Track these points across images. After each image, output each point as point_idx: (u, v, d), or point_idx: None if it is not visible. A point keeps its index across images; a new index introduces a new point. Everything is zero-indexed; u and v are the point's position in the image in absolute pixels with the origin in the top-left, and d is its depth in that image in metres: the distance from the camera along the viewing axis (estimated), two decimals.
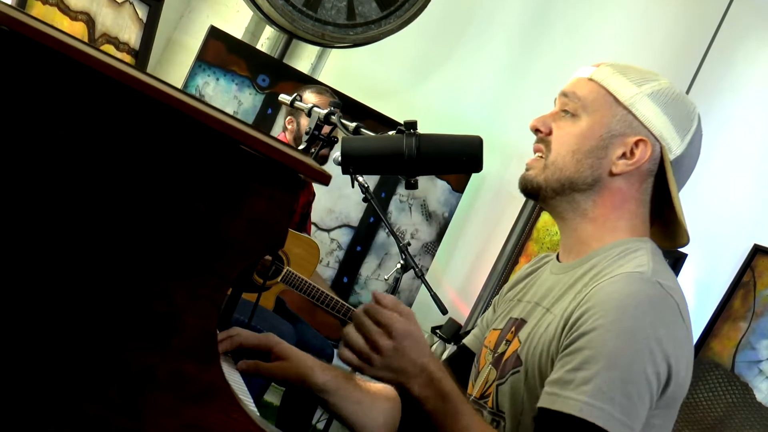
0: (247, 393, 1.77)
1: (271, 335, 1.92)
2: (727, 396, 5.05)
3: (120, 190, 1.27)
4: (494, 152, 5.74)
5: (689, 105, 1.80)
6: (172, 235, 1.29)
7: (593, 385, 1.52)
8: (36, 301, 1.25)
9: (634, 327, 1.56)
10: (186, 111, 1.26)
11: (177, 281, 1.29)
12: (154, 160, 1.28)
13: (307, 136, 2.49)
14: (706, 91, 5.58)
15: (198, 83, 5.12)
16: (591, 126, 1.78)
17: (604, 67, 1.82)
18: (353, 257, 5.50)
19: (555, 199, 1.81)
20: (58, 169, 1.25)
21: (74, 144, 1.26)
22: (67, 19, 4.62)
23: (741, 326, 5.14)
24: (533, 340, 1.71)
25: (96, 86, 1.24)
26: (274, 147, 1.29)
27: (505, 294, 2.01)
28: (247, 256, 1.32)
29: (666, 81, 1.80)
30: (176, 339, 1.29)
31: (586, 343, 1.57)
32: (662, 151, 1.76)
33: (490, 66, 5.83)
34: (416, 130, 2.04)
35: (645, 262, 1.68)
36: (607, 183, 1.77)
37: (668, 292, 1.62)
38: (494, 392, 1.77)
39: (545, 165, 1.81)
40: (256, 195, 1.31)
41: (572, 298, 1.69)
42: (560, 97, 1.86)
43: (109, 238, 1.27)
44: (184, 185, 1.29)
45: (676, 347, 1.58)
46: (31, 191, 1.25)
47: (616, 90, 1.78)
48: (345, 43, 5.31)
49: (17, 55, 1.22)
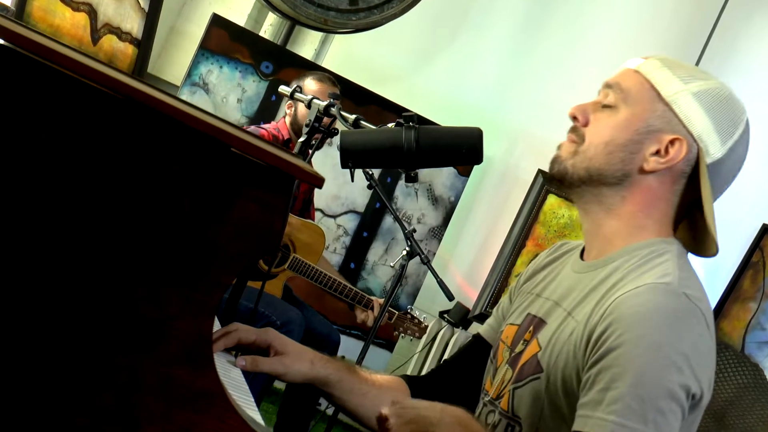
0: (247, 391, 1.76)
1: (270, 330, 1.89)
2: (738, 377, 5.04)
3: (111, 196, 1.26)
4: (499, 135, 5.73)
5: (738, 110, 1.73)
6: (164, 240, 1.28)
7: (623, 404, 1.49)
8: (27, 308, 1.24)
9: (661, 342, 1.51)
10: (176, 116, 1.25)
11: (170, 287, 1.28)
12: (145, 165, 1.27)
13: (307, 128, 2.47)
14: (712, 70, 5.53)
15: (201, 71, 5.10)
16: (629, 118, 1.71)
17: (653, 60, 1.76)
18: (360, 243, 5.49)
19: (581, 187, 1.75)
20: (50, 175, 1.24)
21: (65, 150, 1.24)
22: (69, 9, 4.60)
23: (750, 307, 5.13)
24: (555, 347, 1.67)
25: (85, 93, 1.23)
26: (265, 150, 1.27)
27: (522, 285, 1.95)
28: (241, 260, 1.31)
29: (717, 81, 1.73)
30: (169, 345, 1.28)
31: (612, 360, 1.53)
32: (699, 153, 1.70)
33: (494, 48, 5.80)
34: (415, 123, 2.01)
35: (671, 270, 1.62)
36: (637, 179, 1.71)
37: (694, 303, 1.57)
38: (510, 394, 1.74)
39: (576, 151, 1.74)
40: (248, 199, 1.30)
41: (595, 305, 1.64)
42: (603, 87, 1.79)
43: (100, 245, 1.26)
44: (176, 190, 1.27)
45: (701, 359, 1.55)
46: (23, 197, 1.23)
47: (660, 84, 1.71)
48: (347, 28, 5.29)
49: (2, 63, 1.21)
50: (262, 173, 1.29)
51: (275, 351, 1.86)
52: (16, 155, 1.23)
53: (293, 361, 1.85)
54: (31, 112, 1.23)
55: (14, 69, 1.21)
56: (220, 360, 1.77)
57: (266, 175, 1.30)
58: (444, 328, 5.31)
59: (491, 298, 5.34)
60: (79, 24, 4.67)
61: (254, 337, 1.86)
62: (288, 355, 1.86)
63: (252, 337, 1.86)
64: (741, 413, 4.98)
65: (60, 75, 1.21)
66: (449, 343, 5.29)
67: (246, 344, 1.86)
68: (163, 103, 1.23)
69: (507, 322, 1.89)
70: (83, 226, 1.25)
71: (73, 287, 1.25)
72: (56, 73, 1.21)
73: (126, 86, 1.22)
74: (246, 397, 1.71)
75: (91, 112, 1.24)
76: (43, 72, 1.22)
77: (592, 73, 5.73)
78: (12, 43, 1.19)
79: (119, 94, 1.22)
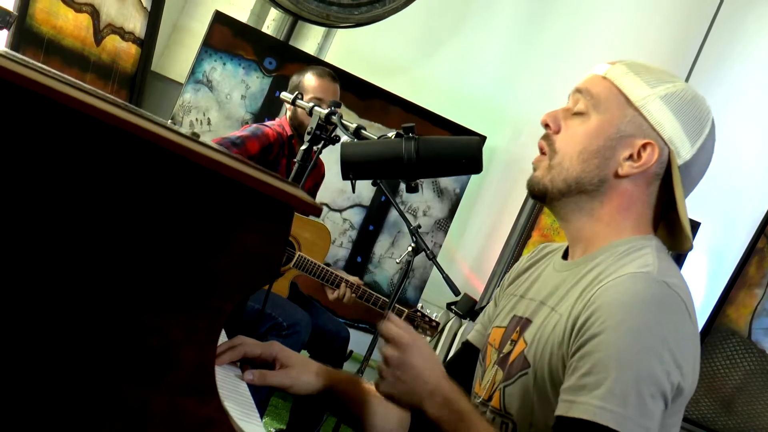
0: (252, 405, 1.78)
1: (274, 343, 1.92)
2: (745, 363, 5.06)
3: (117, 229, 1.28)
4: (504, 125, 5.74)
5: (703, 110, 1.77)
6: (167, 271, 1.30)
7: (605, 389, 1.53)
8: (34, 340, 1.26)
9: (641, 327, 1.56)
10: (178, 151, 1.27)
11: (173, 316, 1.30)
12: (149, 198, 1.29)
13: (308, 136, 2.49)
14: (715, 56, 5.55)
15: (205, 69, 5.12)
16: (600, 125, 1.75)
17: (619, 65, 1.79)
18: (366, 236, 5.52)
19: (561, 200, 1.79)
20: (54, 206, 1.26)
21: (69, 184, 1.26)
22: (71, 11, 4.62)
23: (756, 293, 5.15)
24: (540, 342, 1.71)
25: (90, 130, 1.25)
26: (264, 182, 1.29)
27: (506, 287, 1.99)
28: (242, 289, 1.33)
29: (682, 83, 1.77)
30: (173, 374, 1.30)
31: (594, 346, 1.57)
32: (670, 156, 1.74)
33: (497, 38, 5.80)
34: (415, 134, 2.03)
35: (650, 261, 1.67)
36: (613, 184, 1.75)
37: (674, 290, 1.62)
38: (501, 393, 1.77)
39: (550, 165, 1.79)
40: (248, 229, 1.32)
41: (577, 297, 1.68)
42: (573, 93, 1.82)
43: (106, 276, 1.28)
44: (178, 222, 1.29)
45: (682, 346, 1.59)
46: (32, 229, 1.26)
47: (629, 90, 1.75)
48: (350, 22, 5.30)
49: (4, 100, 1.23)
50: (261, 204, 1.31)
51: (280, 364, 1.89)
52: (27, 188, 1.25)
53: (299, 374, 1.88)
54: (41, 148, 1.25)
55: (20, 109, 1.24)
56: (226, 373, 1.79)
57: (266, 205, 1.32)
58: (452, 320, 5.34)
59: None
60: (81, 25, 4.69)
61: (259, 351, 1.89)
62: (293, 368, 1.89)
63: (257, 351, 1.89)
64: (748, 399, 5.01)
65: (69, 112, 1.23)
66: (457, 335, 5.32)
67: (251, 358, 1.89)
68: (166, 139, 1.25)
69: (493, 325, 1.92)
70: (90, 257, 1.27)
71: (80, 317, 1.27)
72: (66, 110, 1.23)
73: (132, 125, 1.24)
74: (251, 411, 1.73)
75: (98, 148, 1.26)
76: (51, 110, 1.24)
77: (597, 61, 5.73)
78: (17, 83, 1.21)
79: (125, 131, 1.24)
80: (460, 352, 2.05)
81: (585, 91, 1.79)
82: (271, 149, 4.03)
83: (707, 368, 5.09)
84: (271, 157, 4.04)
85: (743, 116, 5.46)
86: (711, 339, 5.14)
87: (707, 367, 5.09)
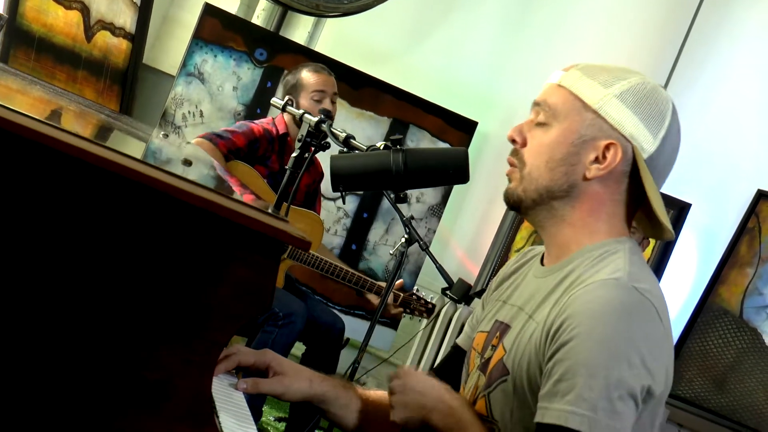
0: (248, 415, 1.82)
1: (267, 351, 1.97)
2: (737, 342, 5.12)
3: (114, 268, 1.33)
4: (495, 110, 5.77)
5: (662, 100, 1.79)
6: (162, 306, 1.34)
7: (575, 394, 1.59)
8: (35, 375, 1.31)
9: (611, 334, 1.61)
10: (171, 192, 1.31)
11: (169, 349, 1.35)
12: (143, 237, 1.33)
13: (299, 143, 2.53)
14: (704, 36, 5.57)
15: (196, 61, 5.14)
16: (562, 133, 1.78)
17: (572, 71, 1.82)
18: (360, 224, 5.55)
19: (535, 209, 1.83)
20: (58, 246, 1.31)
21: (72, 225, 1.31)
22: (61, 8, 4.65)
23: (748, 272, 5.19)
24: (518, 349, 1.76)
25: (94, 178, 1.30)
26: (254, 219, 1.34)
27: (492, 291, 2.03)
28: (235, 320, 1.38)
29: (637, 78, 1.79)
30: (170, 403, 1.35)
31: (565, 353, 1.63)
32: (634, 152, 1.76)
33: (487, 23, 5.82)
34: (403, 146, 2.08)
35: (621, 266, 1.71)
36: (583, 188, 1.79)
37: (644, 295, 1.66)
38: (486, 399, 1.83)
39: (522, 176, 1.83)
40: (240, 263, 1.37)
41: (552, 305, 1.73)
42: (533, 106, 1.85)
43: (104, 313, 1.33)
44: (174, 259, 1.34)
45: (653, 350, 1.64)
46: (32, 264, 1.31)
47: (585, 94, 1.78)
48: (338, 12, 5.32)
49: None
50: (252, 239, 1.36)
51: (274, 372, 1.93)
52: (31, 232, 1.30)
53: (292, 381, 1.93)
54: (40, 194, 1.30)
55: (19, 158, 1.28)
56: (222, 383, 1.85)
57: (257, 241, 1.36)
58: (447, 305, 5.38)
59: (492, 273, 5.40)
60: (72, 22, 4.71)
61: (253, 360, 1.94)
62: (286, 375, 1.93)
63: (251, 360, 1.93)
64: (741, 377, 5.06)
65: (67, 160, 1.28)
66: (452, 320, 5.37)
67: (245, 367, 1.94)
68: (160, 182, 1.30)
69: (477, 329, 1.97)
70: (90, 294, 1.32)
71: (80, 353, 1.32)
72: (64, 158, 1.28)
73: (133, 171, 1.29)
74: (247, 421, 1.78)
75: (100, 193, 1.31)
76: (56, 159, 1.28)
77: (586, 44, 5.79)
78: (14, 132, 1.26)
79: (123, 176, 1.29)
80: (450, 355, 2.11)
81: (543, 103, 1.82)
82: (257, 144, 4.07)
83: (700, 347, 5.15)
84: (260, 152, 4.08)
85: (733, 96, 5.49)
86: (703, 318, 5.19)
87: (700, 347, 5.15)
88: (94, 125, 2.06)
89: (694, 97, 5.52)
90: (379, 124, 5.45)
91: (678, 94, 5.52)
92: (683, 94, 5.51)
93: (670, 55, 5.59)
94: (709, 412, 5.05)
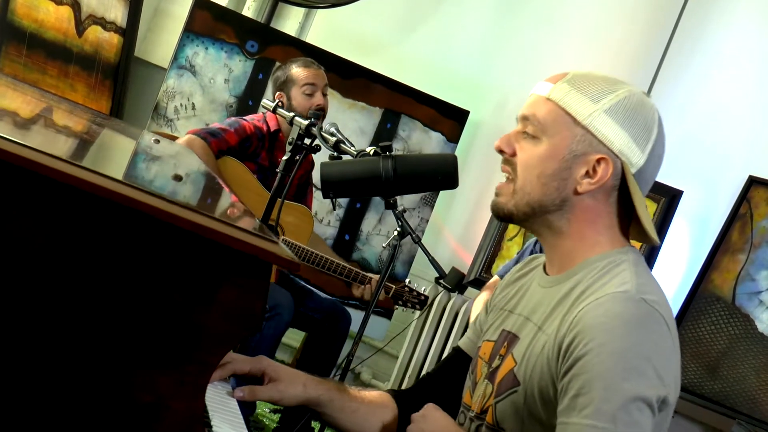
0: (242, 423, 1.85)
1: (263, 358, 1.99)
2: (729, 328, 5.14)
3: (102, 291, 1.34)
4: (487, 98, 5.77)
5: (648, 113, 1.81)
6: (153, 329, 1.36)
7: (593, 408, 1.61)
8: (29, 398, 1.33)
9: (623, 347, 1.63)
10: (159, 216, 1.33)
11: (161, 371, 1.37)
12: (132, 261, 1.35)
13: (290, 146, 2.54)
14: (695, 22, 5.57)
15: (188, 54, 5.14)
16: (553, 148, 1.79)
17: (561, 84, 1.82)
18: (353, 214, 5.57)
19: (528, 221, 1.85)
20: (47, 273, 1.33)
21: (59, 251, 1.33)
22: (52, 3, 4.64)
23: (740, 258, 5.21)
24: (530, 362, 1.78)
25: (76, 202, 1.32)
26: (243, 241, 1.35)
27: (497, 297, 2.05)
28: (227, 341, 1.40)
29: (624, 90, 1.80)
30: (163, 425, 1.37)
31: (580, 368, 1.65)
32: (623, 166, 1.78)
33: (478, 11, 5.81)
34: (392, 152, 2.09)
35: (628, 278, 1.73)
36: (575, 201, 1.80)
37: (653, 306, 1.68)
38: (493, 408, 1.85)
39: (514, 190, 1.83)
40: (230, 285, 1.38)
41: (562, 318, 1.75)
42: (521, 119, 1.85)
43: (96, 337, 1.34)
44: (164, 282, 1.36)
45: (664, 360, 1.66)
46: (24, 294, 1.32)
47: (574, 110, 1.78)
48: (329, 2, 5.32)
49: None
50: (242, 262, 1.38)
51: (269, 378, 1.95)
52: (23, 258, 1.31)
53: (287, 387, 1.95)
54: (28, 220, 1.31)
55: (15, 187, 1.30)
56: (218, 390, 1.87)
57: (246, 263, 1.38)
58: (440, 294, 5.40)
59: (485, 262, 5.43)
60: (63, 17, 4.71)
61: (248, 368, 1.96)
62: (281, 381, 1.95)
63: (246, 368, 1.95)
64: (733, 363, 5.10)
65: (54, 185, 1.29)
66: (446, 309, 5.39)
67: (241, 374, 1.96)
68: (153, 207, 1.32)
69: (483, 338, 1.98)
70: (80, 319, 1.33)
71: (72, 377, 1.34)
72: (52, 183, 1.29)
73: (123, 196, 1.30)
74: (240, 428, 1.80)
75: (91, 217, 1.33)
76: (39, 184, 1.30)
77: (577, 32, 5.79)
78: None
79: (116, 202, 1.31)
80: (451, 358, 2.12)
81: (532, 117, 1.82)
82: (249, 141, 4.08)
83: (693, 334, 5.18)
84: (251, 149, 4.10)
85: (724, 82, 5.50)
86: (696, 305, 5.22)
87: (693, 333, 5.18)
88: (80, 138, 2.07)
89: (685, 84, 5.53)
90: (371, 114, 5.45)
91: (669, 81, 5.54)
92: (674, 81, 5.52)
93: (661, 42, 5.59)
94: (702, 398, 5.09)
